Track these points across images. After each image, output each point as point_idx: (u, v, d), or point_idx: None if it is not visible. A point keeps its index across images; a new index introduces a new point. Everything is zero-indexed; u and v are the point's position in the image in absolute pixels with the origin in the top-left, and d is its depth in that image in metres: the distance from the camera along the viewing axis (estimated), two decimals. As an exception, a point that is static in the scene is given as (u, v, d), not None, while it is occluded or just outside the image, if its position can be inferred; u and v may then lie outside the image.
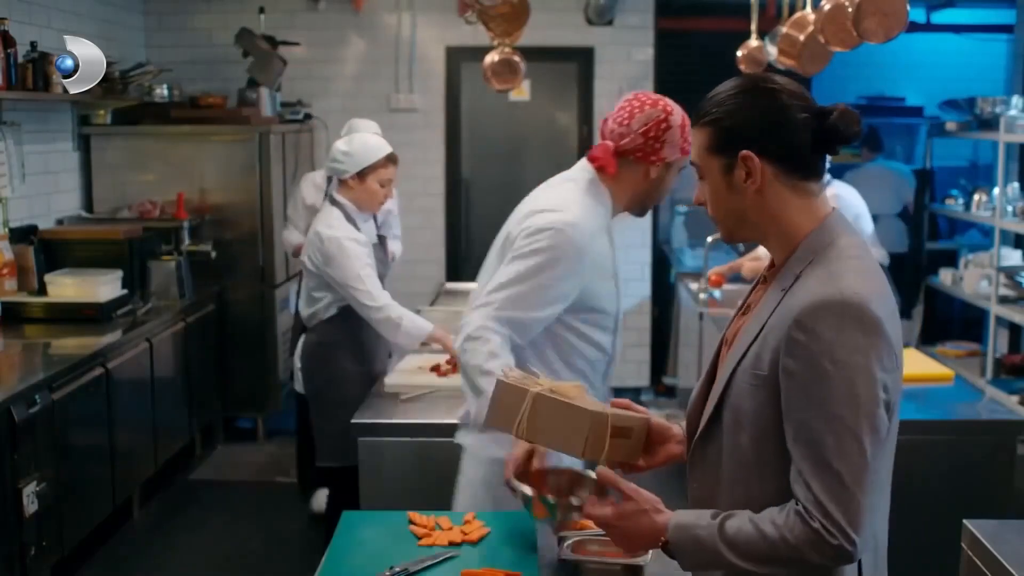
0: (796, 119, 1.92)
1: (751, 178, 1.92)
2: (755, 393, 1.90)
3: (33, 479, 4.07)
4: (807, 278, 1.88)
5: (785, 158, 1.93)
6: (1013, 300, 7.01)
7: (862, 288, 1.83)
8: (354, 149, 4.40)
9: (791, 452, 1.83)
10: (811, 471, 1.79)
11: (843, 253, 1.90)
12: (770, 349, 1.87)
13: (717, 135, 1.95)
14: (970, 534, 2.86)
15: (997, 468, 3.95)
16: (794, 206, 1.95)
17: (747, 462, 1.93)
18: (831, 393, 1.78)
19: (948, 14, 9.08)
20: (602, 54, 8.03)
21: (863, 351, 1.79)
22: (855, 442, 1.78)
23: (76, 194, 6.59)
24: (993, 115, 7.37)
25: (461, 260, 8.19)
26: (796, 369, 1.82)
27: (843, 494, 1.77)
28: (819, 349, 1.79)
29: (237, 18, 7.39)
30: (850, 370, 1.78)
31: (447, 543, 2.62)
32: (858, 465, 1.78)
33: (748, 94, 1.94)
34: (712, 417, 2.00)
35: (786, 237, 1.96)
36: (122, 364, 5.10)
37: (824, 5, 4.48)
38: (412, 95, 7.98)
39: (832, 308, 1.80)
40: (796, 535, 1.80)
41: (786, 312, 1.86)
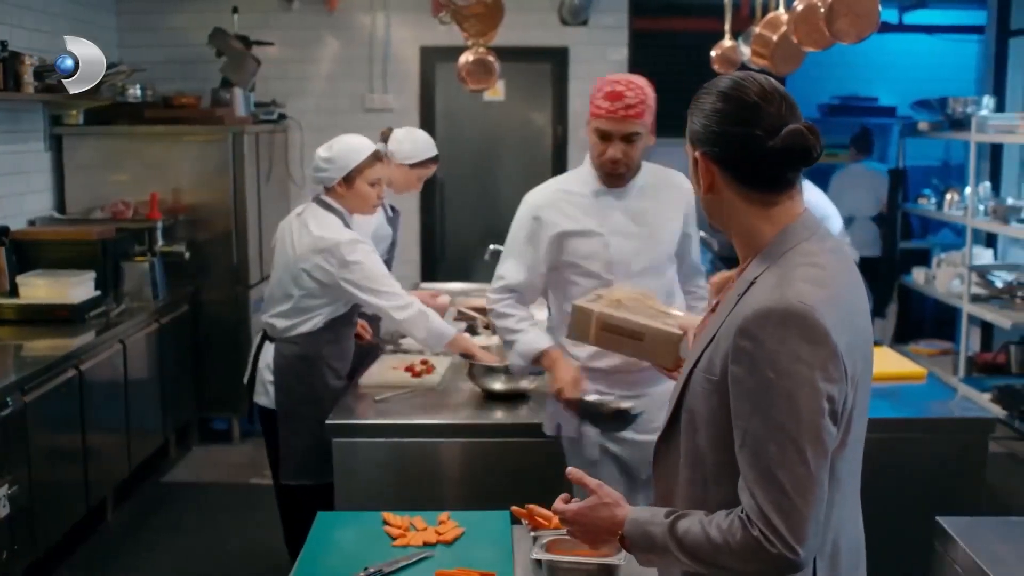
0: (753, 134, 1.87)
1: (704, 177, 1.95)
2: (709, 397, 1.89)
3: (5, 482, 4.04)
4: (760, 283, 1.86)
5: (737, 169, 1.91)
6: (985, 299, 7.06)
7: (809, 296, 1.79)
8: (335, 154, 4.24)
9: (738, 458, 1.82)
10: (754, 479, 1.78)
11: (800, 259, 1.87)
12: (721, 354, 1.85)
13: (688, 128, 1.98)
14: (943, 531, 2.88)
15: (969, 465, 3.98)
16: (750, 213, 1.93)
17: (702, 463, 1.92)
18: (773, 403, 1.76)
19: (920, 15, 9.14)
20: (577, 54, 8.04)
21: (806, 361, 1.76)
22: (797, 452, 1.75)
23: (48, 195, 6.55)
24: (964, 115, 7.43)
25: (436, 260, 8.19)
26: (741, 376, 1.80)
27: (784, 504, 1.75)
28: (762, 357, 1.77)
29: (211, 18, 7.36)
30: (792, 380, 1.75)
31: (422, 543, 2.62)
32: (800, 475, 1.76)
33: (719, 97, 1.91)
34: (672, 417, 1.99)
35: (748, 238, 1.95)
36: (95, 366, 5.07)
37: (797, 5, 4.50)
38: (387, 95, 7.97)
39: (775, 316, 1.77)
40: (737, 541, 1.78)
41: (736, 318, 1.84)
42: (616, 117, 3.32)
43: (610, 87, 3.33)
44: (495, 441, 3.77)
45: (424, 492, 3.71)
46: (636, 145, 3.37)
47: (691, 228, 3.64)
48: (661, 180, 3.56)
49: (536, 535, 2.54)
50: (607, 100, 3.31)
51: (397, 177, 5.00)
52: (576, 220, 3.45)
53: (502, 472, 3.71)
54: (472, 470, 3.78)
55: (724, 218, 1.97)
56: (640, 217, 3.47)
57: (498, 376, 3.97)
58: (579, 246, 3.44)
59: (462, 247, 8.09)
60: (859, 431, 1.93)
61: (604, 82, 3.36)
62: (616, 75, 3.41)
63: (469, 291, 6.26)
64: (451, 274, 7.49)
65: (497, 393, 3.97)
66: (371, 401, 3.95)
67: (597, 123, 3.36)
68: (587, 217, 3.44)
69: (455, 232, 8.25)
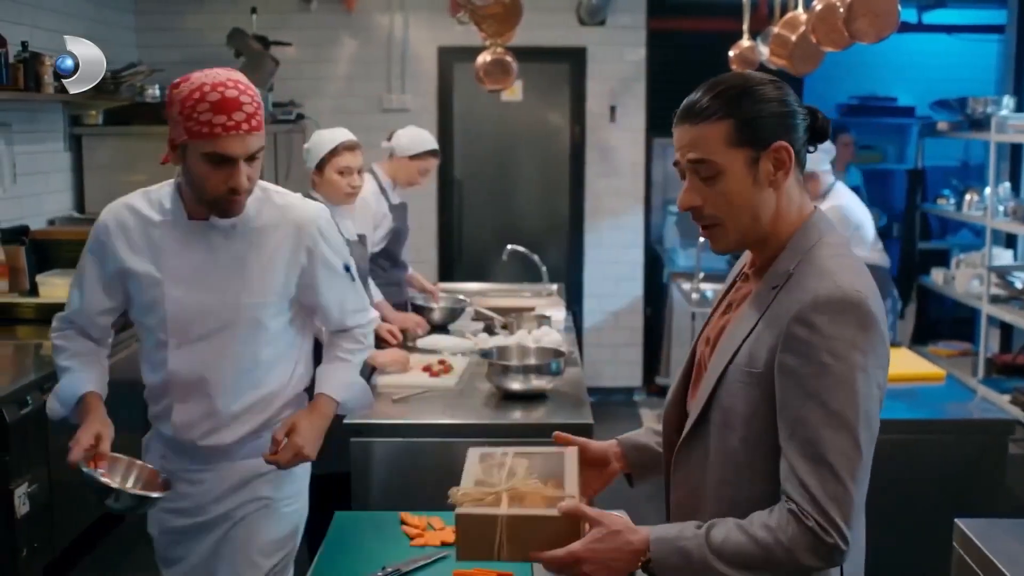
0: (803, 111, 1.94)
1: (781, 169, 1.90)
2: (748, 392, 1.87)
3: (24, 480, 4.05)
4: (801, 275, 1.87)
5: (800, 151, 1.94)
6: (1004, 299, 7.02)
7: (860, 285, 1.83)
8: (311, 144, 4.58)
9: (784, 449, 1.81)
10: (807, 468, 1.77)
11: (833, 251, 1.90)
12: (766, 347, 1.85)
13: (745, 126, 1.88)
14: (961, 533, 2.87)
15: (988, 467, 3.96)
16: (795, 201, 1.94)
17: (737, 463, 1.91)
18: (830, 388, 1.77)
19: (939, 14, 9.09)
20: (594, 54, 8.04)
21: (861, 348, 1.79)
22: (852, 438, 1.77)
23: (67, 194, 6.57)
24: (984, 115, 7.39)
25: (453, 260, 8.19)
26: (795, 365, 1.80)
27: (840, 493, 1.76)
28: (819, 344, 1.78)
29: (229, 18, 7.38)
30: (849, 366, 1.77)
31: (439, 543, 2.62)
32: (854, 463, 1.77)
33: (764, 87, 1.92)
34: (699, 418, 1.96)
35: (778, 235, 1.94)
36: (113, 364, 4.98)
37: (815, 5, 4.49)
38: (404, 95, 7.98)
39: (833, 304, 1.79)
40: (790, 536, 1.77)
41: (782, 309, 1.84)
42: (239, 133, 2.51)
43: (217, 94, 2.50)
44: (513, 441, 3.76)
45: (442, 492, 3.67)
46: (258, 163, 2.65)
47: (324, 268, 2.84)
48: (276, 210, 2.82)
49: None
50: (219, 113, 2.49)
51: (398, 171, 5.34)
52: (138, 255, 2.74)
53: (519, 472, 3.70)
54: (489, 470, 3.78)
55: (770, 216, 1.93)
56: (230, 262, 2.72)
57: (516, 376, 3.97)
58: (137, 292, 2.77)
59: (479, 247, 8.09)
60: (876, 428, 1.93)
61: (201, 88, 2.52)
62: (210, 74, 2.57)
63: (486, 291, 6.27)
64: (468, 274, 7.50)
65: (515, 393, 3.97)
66: (389, 401, 3.95)
67: (207, 145, 2.51)
68: (150, 254, 2.74)
69: (472, 232, 8.25)
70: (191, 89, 2.53)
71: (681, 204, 1.97)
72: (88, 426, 2.73)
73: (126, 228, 2.75)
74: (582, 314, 8.19)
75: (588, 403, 3.95)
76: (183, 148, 2.58)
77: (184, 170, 2.64)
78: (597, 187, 8.17)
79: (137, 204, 2.77)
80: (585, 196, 8.19)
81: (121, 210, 2.79)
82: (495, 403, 3.96)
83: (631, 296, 8.32)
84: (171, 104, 2.58)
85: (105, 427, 2.75)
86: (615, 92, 8.07)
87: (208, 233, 2.70)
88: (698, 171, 1.91)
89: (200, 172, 2.57)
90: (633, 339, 8.36)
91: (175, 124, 2.57)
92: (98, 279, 2.82)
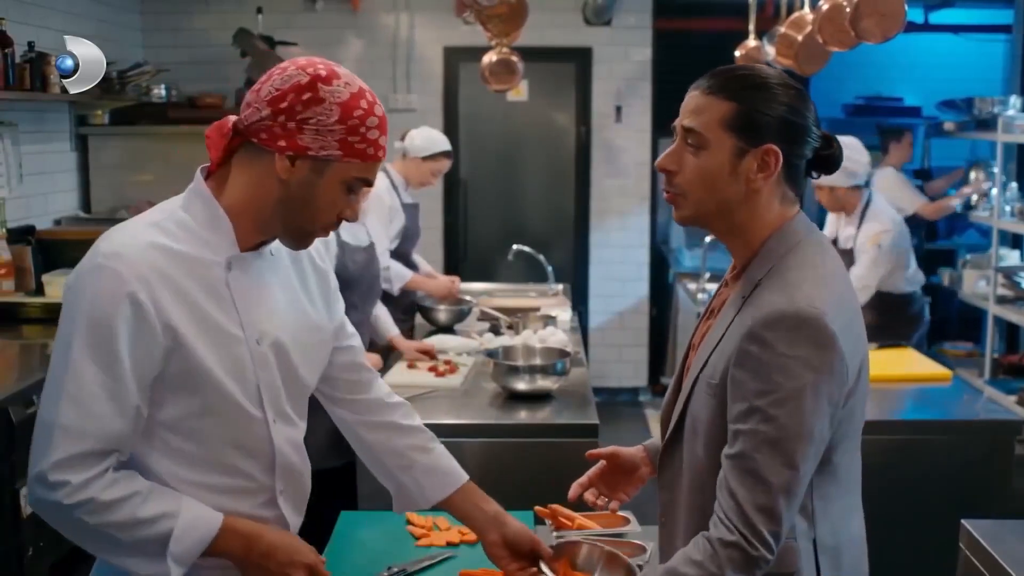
0: (816, 134, 1.90)
1: (763, 172, 1.87)
2: (709, 402, 1.88)
3: (31, 480, 4.06)
4: (765, 287, 1.85)
5: (794, 165, 1.90)
6: (1011, 300, 7.00)
7: (818, 300, 1.78)
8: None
9: (724, 459, 1.81)
10: (738, 479, 1.77)
11: (803, 260, 1.87)
12: (724, 358, 1.84)
13: (745, 116, 1.86)
14: (968, 534, 2.86)
15: (995, 468, 3.95)
16: (773, 210, 1.91)
17: (703, 470, 1.91)
18: (774, 405, 1.75)
19: (946, 14, 9.08)
20: (600, 54, 8.03)
21: (814, 366, 1.76)
22: (789, 457, 1.76)
23: (74, 194, 6.58)
24: (991, 115, 7.36)
25: (459, 260, 8.19)
26: (743, 379, 1.79)
27: (768, 506, 1.76)
28: (769, 361, 1.76)
29: (235, 18, 7.39)
30: (799, 384, 1.75)
31: (445, 543, 2.62)
32: (787, 480, 1.76)
33: (791, 92, 1.89)
34: (676, 424, 1.98)
35: (751, 238, 1.92)
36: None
37: (822, 5, 4.48)
38: (410, 95, 7.98)
39: (786, 321, 1.76)
40: (719, 562, 1.77)
41: (741, 322, 1.83)
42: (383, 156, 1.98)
43: (381, 110, 1.97)
44: (518, 441, 3.77)
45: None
46: None
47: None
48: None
49: (559, 535, 2.54)
50: (383, 134, 1.96)
51: (411, 171, 5.34)
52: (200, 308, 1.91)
53: (525, 472, 3.71)
54: (495, 470, 3.78)
55: (744, 216, 1.90)
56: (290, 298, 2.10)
57: (521, 376, 3.97)
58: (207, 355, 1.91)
59: (485, 247, 8.09)
60: (859, 423, 1.93)
61: (365, 97, 1.94)
62: (357, 79, 1.98)
63: (492, 291, 6.27)
64: (474, 274, 7.50)
65: (520, 393, 3.97)
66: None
67: (361, 169, 1.93)
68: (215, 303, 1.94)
69: (478, 232, 8.26)
70: (353, 94, 1.91)
71: (658, 164, 1.95)
72: (295, 549, 1.99)
73: (165, 275, 1.87)
74: (587, 314, 8.19)
75: (593, 403, 3.95)
76: (319, 165, 1.89)
77: (293, 190, 1.91)
78: (603, 187, 8.17)
79: (160, 240, 1.90)
80: (591, 196, 8.19)
81: (145, 252, 1.86)
82: (500, 403, 3.96)
83: (637, 296, 8.31)
84: (317, 103, 1.88)
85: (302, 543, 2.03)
86: (621, 92, 8.07)
87: (248, 267, 2.00)
88: (687, 138, 1.90)
89: (328, 197, 1.92)
90: (638, 339, 8.36)
91: (322, 131, 1.87)
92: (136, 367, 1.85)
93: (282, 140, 1.87)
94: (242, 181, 1.94)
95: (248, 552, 1.93)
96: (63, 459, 1.81)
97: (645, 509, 2.56)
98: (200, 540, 1.88)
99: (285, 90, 1.88)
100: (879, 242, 5.38)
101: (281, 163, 1.88)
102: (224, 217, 1.94)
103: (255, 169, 1.93)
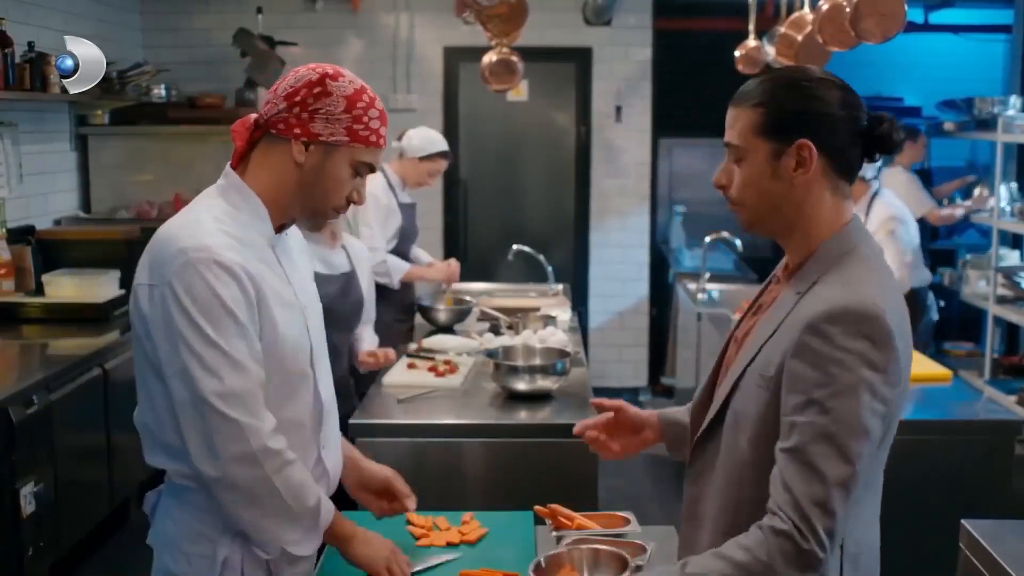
0: (855, 118, 1.92)
1: (802, 168, 1.90)
2: (759, 395, 1.88)
3: (31, 480, 4.06)
4: (825, 284, 1.87)
5: (837, 155, 1.92)
6: (1011, 300, 7.01)
7: (880, 299, 1.81)
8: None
9: (778, 452, 1.81)
10: (794, 471, 1.77)
11: (862, 262, 1.89)
12: (780, 351, 1.85)
13: (772, 119, 1.90)
14: (968, 534, 2.86)
15: (995, 468, 3.95)
16: (827, 205, 1.93)
17: (743, 463, 1.92)
18: (832, 398, 1.76)
19: (946, 14, 9.08)
20: (600, 54, 8.03)
21: (872, 363, 1.77)
22: (846, 451, 1.76)
23: (74, 194, 6.59)
24: (991, 115, 7.37)
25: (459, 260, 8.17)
26: (801, 371, 1.80)
27: (823, 500, 1.75)
28: (829, 354, 1.77)
29: (235, 18, 7.39)
30: (856, 379, 1.76)
31: (445, 543, 2.62)
32: (844, 474, 1.76)
33: (820, 83, 1.92)
34: (716, 416, 1.99)
35: (808, 237, 1.94)
36: (120, 365, 5.08)
37: (822, 5, 4.48)
38: (410, 95, 7.98)
39: (849, 316, 1.78)
40: (768, 551, 1.77)
41: (799, 316, 1.84)
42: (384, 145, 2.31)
43: (382, 104, 2.29)
44: (518, 441, 3.77)
45: (447, 492, 3.71)
46: None
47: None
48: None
49: (559, 535, 2.54)
50: (384, 124, 2.28)
51: (408, 171, 5.37)
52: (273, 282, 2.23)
53: (525, 472, 3.71)
54: (495, 470, 3.78)
55: (796, 214, 1.94)
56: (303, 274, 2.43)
57: (521, 376, 3.97)
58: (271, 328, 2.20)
59: (485, 247, 8.09)
60: (891, 437, 1.93)
61: (367, 92, 2.26)
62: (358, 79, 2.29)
63: (492, 291, 6.27)
64: (474, 274, 7.49)
65: (520, 393, 3.97)
66: (394, 401, 3.95)
67: (367, 154, 2.24)
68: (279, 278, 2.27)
69: (478, 232, 8.26)
70: (357, 90, 2.22)
71: (713, 181, 2.02)
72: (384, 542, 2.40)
73: (243, 256, 2.15)
74: (587, 314, 8.19)
75: (593, 403, 3.94)
76: (328, 149, 2.19)
77: (306, 173, 2.20)
78: (603, 187, 8.17)
79: (225, 228, 2.17)
80: (591, 196, 8.19)
81: (224, 239, 2.14)
82: (500, 403, 3.96)
83: (637, 296, 8.31)
84: (326, 95, 2.17)
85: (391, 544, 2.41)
86: (621, 92, 8.07)
87: (281, 246, 2.32)
88: (729, 152, 1.97)
89: (337, 178, 2.21)
90: (638, 339, 8.36)
91: (331, 120, 2.17)
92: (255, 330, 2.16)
93: (297, 128, 2.18)
94: (265, 169, 2.24)
95: (356, 531, 2.33)
96: (245, 415, 2.09)
97: (645, 509, 2.57)
98: (328, 518, 2.25)
99: (298, 87, 2.19)
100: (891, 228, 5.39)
101: (297, 148, 2.19)
102: (261, 203, 2.23)
103: (275, 157, 2.23)
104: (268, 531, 2.17)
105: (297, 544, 2.20)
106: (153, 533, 2.35)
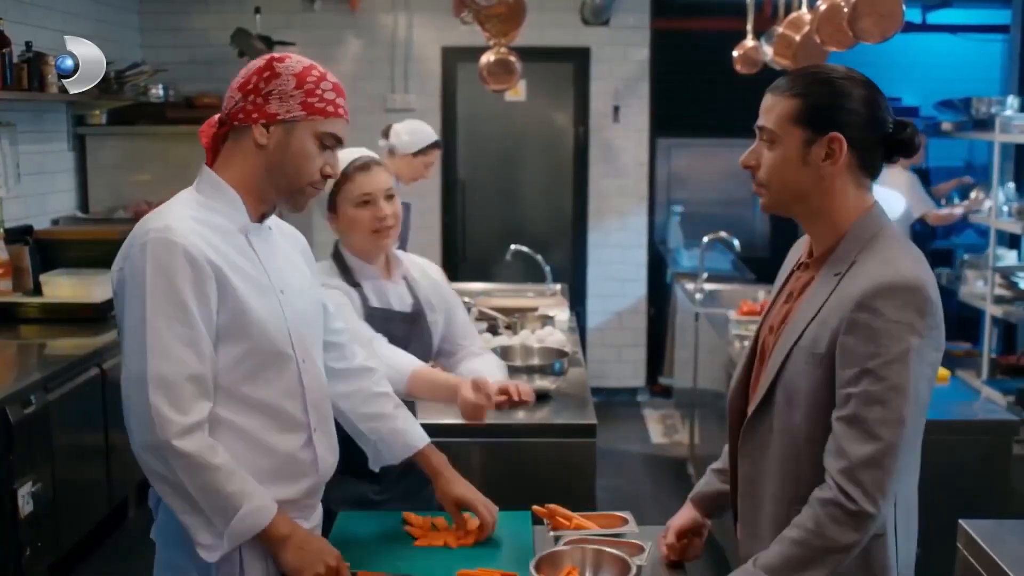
0: (884, 121, 2.05)
1: (830, 159, 2.02)
2: (811, 372, 2.00)
3: (28, 480, 4.06)
4: (864, 263, 2.00)
5: (864, 152, 2.05)
6: (1009, 300, 7.01)
7: (921, 272, 1.96)
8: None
9: (833, 423, 1.94)
10: (852, 437, 1.90)
11: (894, 240, 2.03)
12: (829, 330, 1.98)
13: (810, 109, 2.03)
14: (966, 534, 2.87)
15: (993, 468, 3.96)
16: (851, 195, 2.06)
17: (799, 439, 2.03)
18: (887, 369, 1.90)
19: (944, 14, 9.09)
20: (598, 54, 8.03)
21: (919, 331, 1.92)
22: (899, 416, 1.90)
23: (71, 194, 6.58)
24: (989, 115, 7.37)
25: (457, 260, 8.19)
26: (854, 345, 1.93)
27: (876, 461, 1.89)
28: (880, 327, 1.91)
29: (233, 18, 7.39)
30: (906, 347, 1.90)
31: (442, 543, 2.62)
32: (897, 438, 1.90)
33: (854, 82, 2.06)
34: (765, 398, 2.09)
35: (835, 224, 2.07)
36: (118, 364, 5.07)
37: (820, 5, 4.48)
38: (408, 95, 7.98)
39: (895, 290, 1.92)
40: (817, 517, 1.92)
41: (845, 294, 1.97)
42: (347, 121, 2.36)
43: (334, 77, 2.35)
44: (516, 441, 3.76)
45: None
46: None
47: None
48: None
49: (557, 535, 2.54)
50: (339, 95, 2.33)
51: (402, 168, 5.27)
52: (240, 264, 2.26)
53: (523, 472, 3.71)
54: (493, 470, 3.78)
55: (822, 202, 2.06)
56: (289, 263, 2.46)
57: (519, 376, 3.96)
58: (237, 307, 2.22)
59: (483, 247, 8.09)
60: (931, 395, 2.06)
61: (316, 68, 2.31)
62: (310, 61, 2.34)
63: (490, 291, 6.27)
64: (472, 274, 7.49)
65: (518, 393, 3.96)
66: (392, 401, 3.94)
67: (326, 125, 2.28)
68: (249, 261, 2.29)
69: (476, 232, 8.25)
70: (305, 67, 2.26)
71: (740, 161, 2.14)
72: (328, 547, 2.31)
73: (207, 239, 2.20)
74: (586, 314, 8.19)
75: (592, 403, 3.94)
76: (288, 126, 2.23)
77: (272, 153, 2.25)
78: (601, 187, 8.17)
79: (195, 214, 2.26)
80: (589, 196, 8.19)
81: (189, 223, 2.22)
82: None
83: (635, 296, 8.31)
84: (275, 77, 2.24)
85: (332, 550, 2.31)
86: (619, 92, 8.07)
87: (260, 234, 2.34)
88: (762, 135, 2.10)
89: (305, 153, 2.24)
90: (637, 339, 8.36)
91: (284, 98, 2.22)
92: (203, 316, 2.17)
93: (255, 113, 2.25)
94: (234, 159, 2.31)
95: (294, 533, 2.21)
96: (163, 403, 2.10)
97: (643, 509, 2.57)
98: (254, 527, 2.14)
99: (249, 75, 2.29)
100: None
101: (258, 131, 2.25)
102: (233, 192, 2.29)
103: (240, 146, 2.30)
104: (190, 527, 2.16)
105: (205, 549, 2.14)
106: (156, 527, 2.38)
